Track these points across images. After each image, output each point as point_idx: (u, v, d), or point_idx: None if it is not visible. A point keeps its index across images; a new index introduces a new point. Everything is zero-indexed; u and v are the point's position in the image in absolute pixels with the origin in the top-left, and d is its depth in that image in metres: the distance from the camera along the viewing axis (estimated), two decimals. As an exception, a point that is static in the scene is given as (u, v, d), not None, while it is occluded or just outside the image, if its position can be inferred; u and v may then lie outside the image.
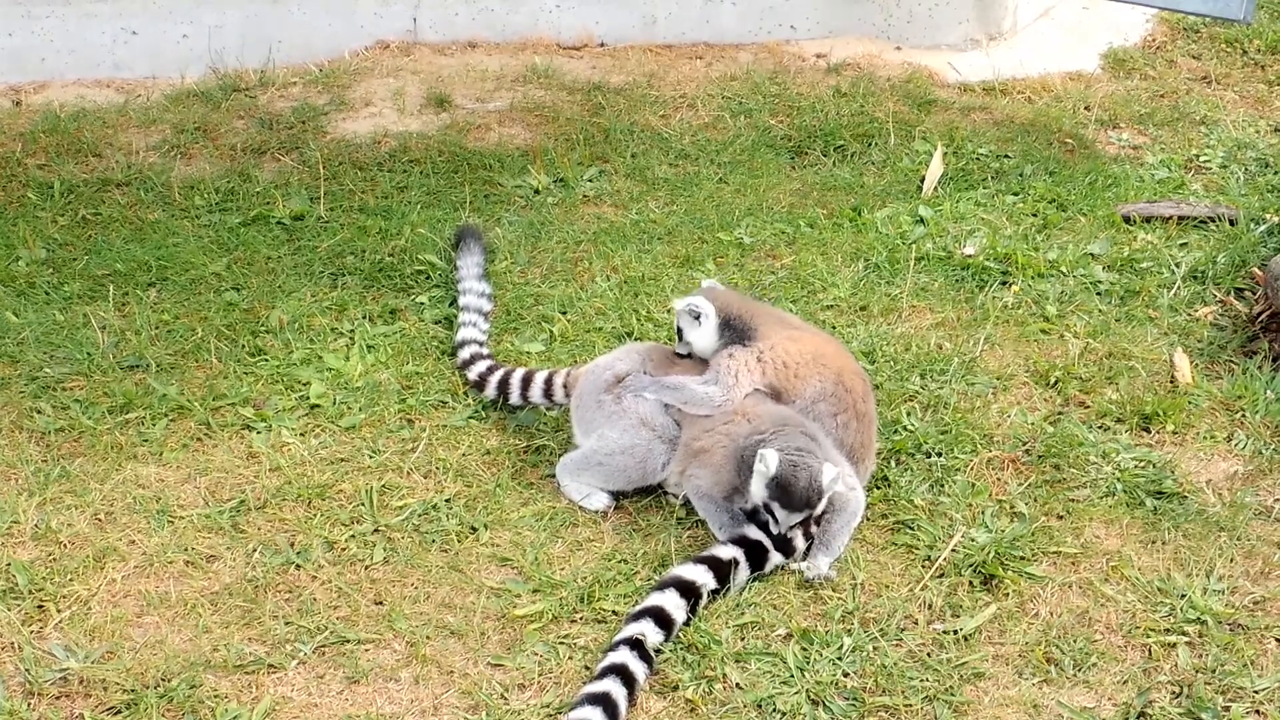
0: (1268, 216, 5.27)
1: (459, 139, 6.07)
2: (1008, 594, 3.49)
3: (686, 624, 3.36)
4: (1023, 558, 3.60)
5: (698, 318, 3.90)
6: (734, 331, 3.91)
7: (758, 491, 3.56)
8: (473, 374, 4.32)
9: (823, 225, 5.35)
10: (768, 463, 3.51)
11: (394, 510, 3.82)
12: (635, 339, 4.51)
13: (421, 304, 4.83)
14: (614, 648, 3.24)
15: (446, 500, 3.86)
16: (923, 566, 3.59)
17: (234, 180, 5.71)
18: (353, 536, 3.72)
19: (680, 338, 3.95)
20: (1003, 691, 3.22)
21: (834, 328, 4.61)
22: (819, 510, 3.58)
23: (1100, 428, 4.13)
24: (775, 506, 3.53)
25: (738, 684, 3.21)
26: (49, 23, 6.63)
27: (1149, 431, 4.13)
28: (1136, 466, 3.94)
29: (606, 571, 3.58)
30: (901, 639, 3.35)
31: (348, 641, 3.37)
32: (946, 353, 4.50)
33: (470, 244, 4.89)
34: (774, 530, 3.56)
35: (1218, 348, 4.52)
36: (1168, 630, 3.37)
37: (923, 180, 5.72)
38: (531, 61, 6.83)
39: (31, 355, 4.49)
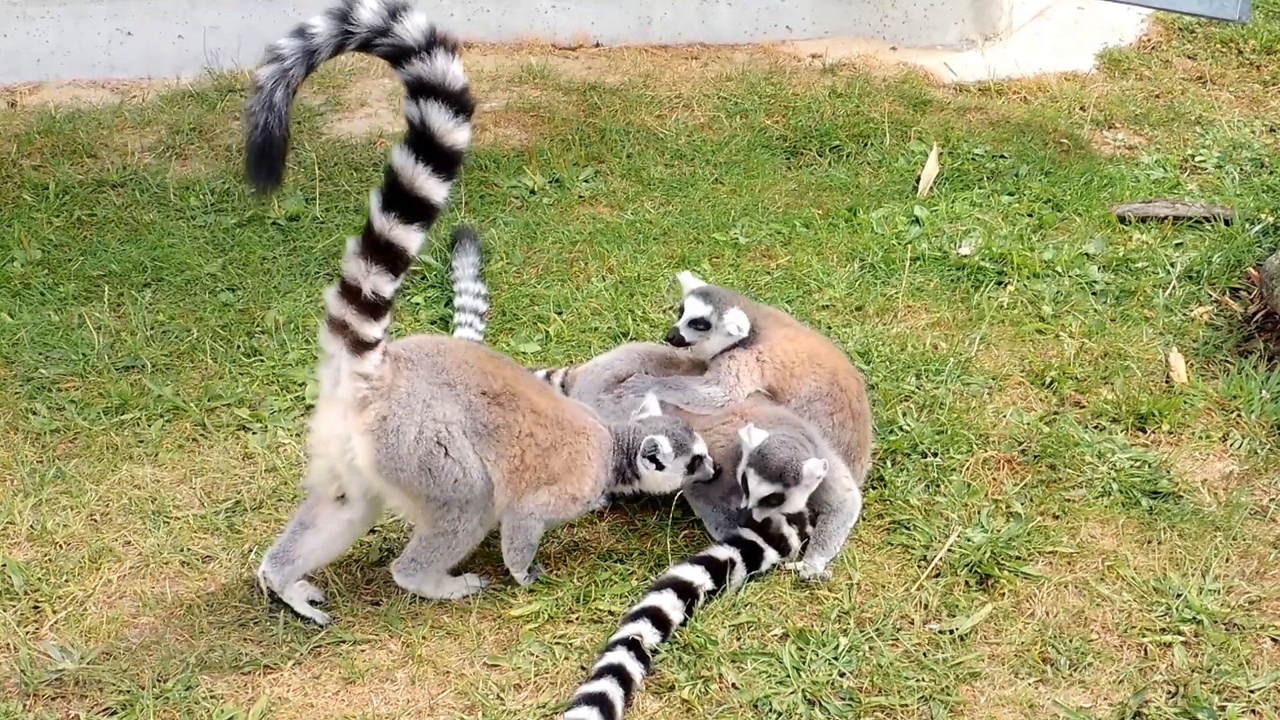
0: (1263, 216, 5.27)
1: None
2: (1004, 594, 3.49)
3: (683, 624, 3.36)
4: (1019, 557, 3.60)
5: (732, 332, 3.86)
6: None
7: (741, 467, 3.56)
8: (469, 374, 4.32)
9: (818, 225, 5.35)
10: (753, 435, 3.54)
11: (389, 510, 3.81)
12: (631, 339, 4.51)
13: (417, 304, 4.83)
14: (611, 648, 3.24)
15: (442, 501, 3.85)
16: (919, 566, 3.59)
17: (229, 181, 5.71)
18: (349, 537, 3.72)
19: (705, 329, 3.85)
20: (999, 691, 3.22)
21: (829, 328, 4.62)
22: (795, 504, 3.56)
23: (1096, 427, 4.14)
24: (750, 473, 3.52)
25: (734, 684, 3.21)
26: (44, 23, 6.63)
27: (1145, 431, 4.13)
28: (1132, 466, 3.94)
29: (602, 572, 3.58)
30: (897, 639, 3.35)
31: (344, 642, 3.36)
32: (942, 353, 4.51)
33: (466, 244, 4.89)
34: (744, 503, 3.55)
35: (1213, 347, 4.52)
36: (1163, 630, 3.37)
37: (918, 180, 5.72)
38: (527, 62, 6.83)
39: (27, 356, 4.49)
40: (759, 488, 3.52)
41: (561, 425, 3.44)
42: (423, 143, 3.02)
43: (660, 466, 3.52)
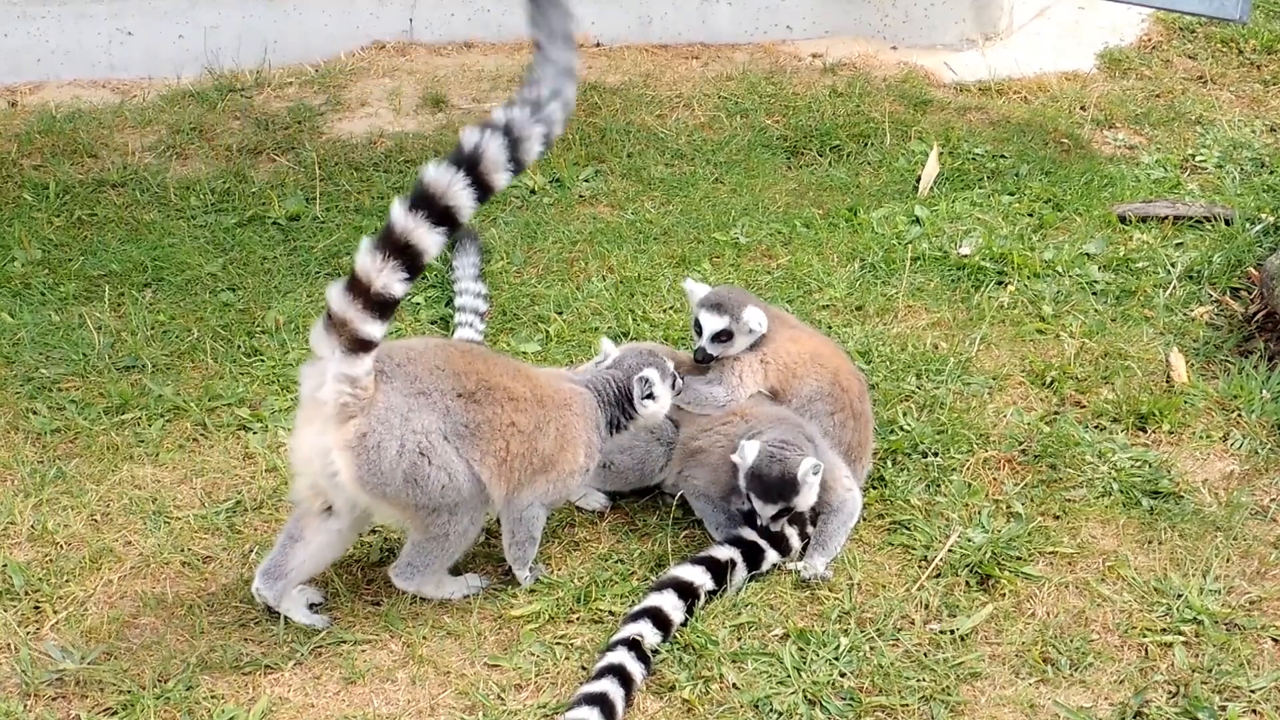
0: (1263, 216, 5.27)
1: (455, 139, 6.04)
2: (1004, 594, 3.49)
3: (684, 624, 3.36)
4: (1019, 558, 3.60)
5: (753, 330, 3.85)
6: None
7: (741, 484, 3.58)
8: (469, 374, 4.32)
9: (819, 225, 5.35)
10: (745, 454, 3.54)
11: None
12: (632, 339, 4.51)
13: (418, 304, 4.83)
14: (611, 648, 3.24)
15: (443, 501, 3.85)
16: (919, 566, 3.59)
17: (230, 181, 5.70)
18: (349, 537, 3.72)
19: (728, 340, 3.83)
20: (999, 691, 3.22)
21: (830, 328, 4.62)
22: (804, 504, 3.57)
23: (1096, 427, 4.14)
24: (753, 497, 3.55)
25: (734, 684, 3.21)
26: (44, 23, 6.62)
27: (1145, 431, 4.13)
28: (1133, 466, 3.94)
29: (603, 572, 3.58)
30: (898, 639, 3.35)
31: (344, 642, 3.36)
32: (942, 353, 4.51)
33: (466, 244, 4.89)
34: (759, 522, 3.57)
35: (1213, 347, 4.52)
36: (1164, 630, 3.37)
37: (918, 180, 5.72)
38: (527, 62, 6.82)
39: (27, 356, 4.49)
40: (765, 509, 3.54)
41: (542, 404, 3.44)
42: (469, 166, 3.25)
43: (654, 398, 3.60)
